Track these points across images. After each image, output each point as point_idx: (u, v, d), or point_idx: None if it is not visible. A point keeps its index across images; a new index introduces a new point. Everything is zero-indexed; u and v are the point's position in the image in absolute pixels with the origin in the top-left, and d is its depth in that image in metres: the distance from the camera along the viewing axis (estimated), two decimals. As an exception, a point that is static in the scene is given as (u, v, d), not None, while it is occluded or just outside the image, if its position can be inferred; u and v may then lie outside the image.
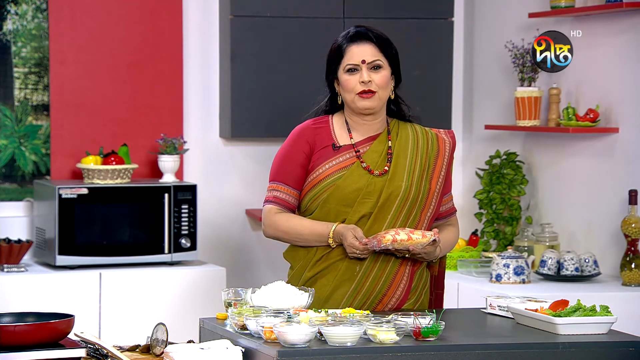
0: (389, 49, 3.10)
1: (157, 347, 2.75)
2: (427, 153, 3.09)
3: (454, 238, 3.17)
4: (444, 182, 3.11)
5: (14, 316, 2.70)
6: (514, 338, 2.74)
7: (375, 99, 3.05)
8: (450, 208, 3.18)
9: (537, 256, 4.60)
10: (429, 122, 3.23)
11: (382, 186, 3.01)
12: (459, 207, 5.36)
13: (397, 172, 3.04)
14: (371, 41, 3.07)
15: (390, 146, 3.07)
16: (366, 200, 3.00)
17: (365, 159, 3.04)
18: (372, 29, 3.11)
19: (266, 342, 2.56)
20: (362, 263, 3.00)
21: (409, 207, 3.02)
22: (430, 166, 3.08)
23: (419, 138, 3.11)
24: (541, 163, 4.87)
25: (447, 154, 3.12)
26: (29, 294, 4.47)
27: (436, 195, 3.08)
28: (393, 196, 3.01)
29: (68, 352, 2.56)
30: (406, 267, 3.05)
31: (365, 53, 3.05)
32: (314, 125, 3.12)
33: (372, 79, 3.05)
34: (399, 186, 3.01)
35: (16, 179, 4.91)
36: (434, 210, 3.08)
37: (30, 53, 4.90)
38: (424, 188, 3.05)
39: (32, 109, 4.92)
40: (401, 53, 5.67)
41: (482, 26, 5.21)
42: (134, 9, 4.95)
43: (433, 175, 3.08)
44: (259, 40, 4.96)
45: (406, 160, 3.06)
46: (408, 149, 3.08)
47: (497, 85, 5.09)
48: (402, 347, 2.55)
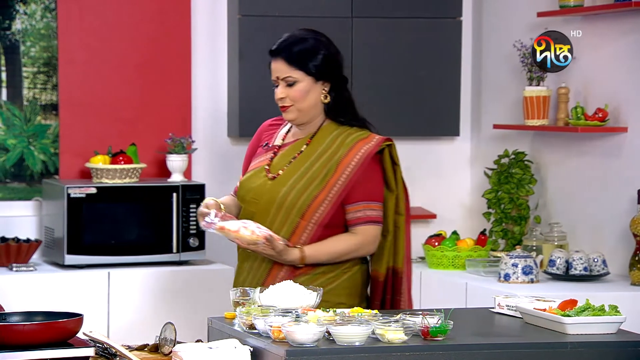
0: (305, 61, 3.12)
1: (166, 347, 2.75)
2: (330, 160, 3.12)
3: (345, 247, 3.11)
4: (352, 191, 3.09)
5: (23, 315, 2.70)
6: (522, 338, 2.74)
7: (292, 111, 3.15)
8: (358, 218, 3.12)
9: (545, 256, 4.59)
10: (437, 122, 3.23)
11: (266, 190, 3.13)
12: (467, 207, 5.37)
13: (284, 178, 3.13)
14: (282, 57, 3.13)
15: (302, 151, 3.15)
16: (253, 201, 3.15)
17: (274, 161, 3.18)
18: (290, 42, 3.14)
19: (274, 342, 2.56)
20: (249, 260, 3.16)
21: (285, 213, 3.09)
22: (328, 174, 3.10)
23: (333, 144, 3.14)
24: (550, 162, 4.86)
25: (357, 162, 3.10)
26: (37, 293, 4.47)
27: (327, 204, 3.08)
28: (271, 200, 3.12)
29: (77, 351, 2.57)
30: (280, 271, 3.10)
31: (278, 70, 3.15)
32: (272, 122, 3.30)
33: (287, 94, 3.14)
34: (278, 191, 3.11)
35: (25, 178, 4.92)
36: (322, 217, 3.08)
37: (39, 52, 4.91)
38: (309, 195, 3.08)
39: (40, 108, 4.93)
40: (409, 52, 5.65)
41: (491, 26, 5.21)
42: (143, 8, 4.95)
43: (328, 184, 3.09)
44: (267, 39, 4.93)
45: (302, 166, 3.13)
46: (313, 155, 3.14)
47: (505, 84, 5.08)
48: (410, 346, 2.54)
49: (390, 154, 3.17)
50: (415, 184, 5.32)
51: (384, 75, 5.08)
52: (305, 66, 3.12)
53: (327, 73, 3.14)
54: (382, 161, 3.16)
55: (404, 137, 5.26)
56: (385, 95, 5.10)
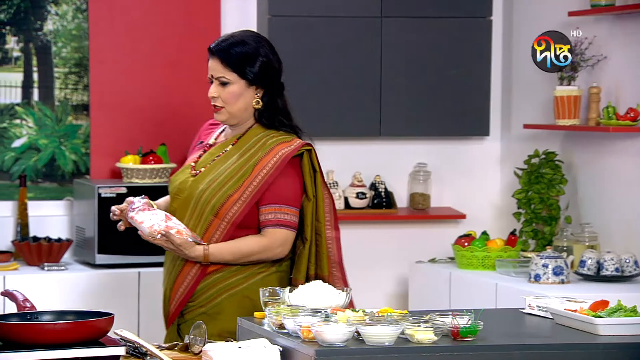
0: (242, 65, 3.11)
1: (196, 346, 2.76)
2: (248, 161, 3.12)
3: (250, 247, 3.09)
4: (266, 193, 3.08)
5: (54, 314, 2.72)
6: (553, 338, 2.72)
7: (223, 113, 3.16)
8: (269, 220, 3.09)
9: (576, 256, 4.56)
10: (467, 122, 3.21)
11: (187, 186, 3.16)
12: (497, 207, 5.34)
13: (204, 175, 3.15)
14: (219, 57, 3.13)
15: (227, 150, 3.17)
16: (176, 197, 3.18)
17: (201, 159, 3.21)
18: (229, 43, 3.13)
19: (304, 341, 2.56)
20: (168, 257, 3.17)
21: (200, 210, 3.11)
22: (245, 174, 3.10)
23: (255, 146, 3.14)
24: (580, 162, 4.83)
25: (274, 164, 3.08)
26: (69, 292, 4.50)
27: (241, 204, 3.08)
28: (190, 197, 3.14)
29: (108, 350, 2.58)
30: (192, 268, 3.10)
31: (214, 68, 3.16)
32: (212, 122, 3.31)
33: (220, 94, 3.15)
34: (196, 188, 3.13)
35: (56, 178, 4.96)
36: (235, 216, 3.08)
37: (71, 53, 4.94)
38: (223, 194, 3.08)
39: (72, 108, 4.96)
40: (439, 52, 5.62)
41: (521, 25, 5.18)
42: (173, 9, 4.97)
43: (243, 184, 3.09)
44: (296, 39, 4.96)
45: (222, 165, 3.14)
46: (235, 155, 3.14)
47: (535, 84, 5.05)
48: (440, 347, 2.54)
49: (310, 159, 3.13)
50: (444, 184, 5.31)
51: (413, 75, 5.06)
52: (240, 70, 3.11)
53: (262, 80, 3.13)
54: (302, 166, 3.13)
55: (434, 137, 5.25)
56: (416, 95, 5.08)
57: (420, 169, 5.23)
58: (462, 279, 4.64)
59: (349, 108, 5.05)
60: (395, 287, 5.24)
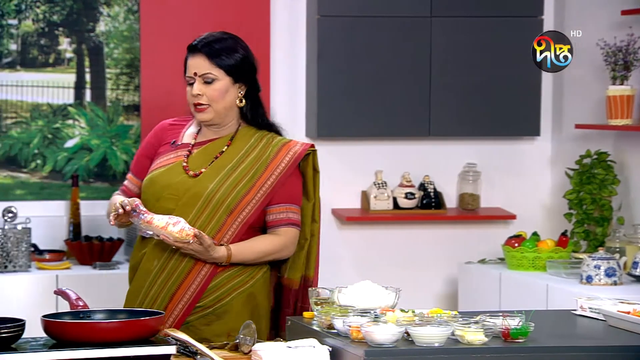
0: (226, 60, 3.09)
1: (245, 345, 2.77)
2: (257, 161, 3.09)
3: (270, 246, 3.08)
4: (277, 193, 3.07)
5: (106, 313, 2.75)
6: (606, 340, 2.69)
7: (209, 112, 3.12)
8: (281, 219, 3.09)
9: (629, 257, 4.51)
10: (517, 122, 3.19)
11: (189, 186, 3.07)
12: (548, 207, 5.30)
13: (209, 175, 3.08)
14: (204, 53, 3.09)
15: (223, 151, 3.11)
16: (171, 197, 3.08)
17: (191, 159, 3.12)
18: (210, 40, 3.11)
19: (353, 342, 2.56)
20: (160, 258, 3.06)
21: (212, 210, 3.04)
22: (256, 174, 3.07)
23: (257, 145, 3.11)
24: (633, 163, 4.77)
25: (286, 164, 3.08)
26: (120, 291, 4.53)
27: (255, 203, 3.05)
28: (196, 196, 3.05)
29: (159, 349, 2.59)
30: (203, 267, 3.04)
31: (197, 66, 3.10)
32: (173, 122, 3.26)
33: (204, 92, 3.10)
34: (205, 187, 3.05)
35: (107, 178, 5.01)
36: (248, 216, 3.05)
37: (122, 54, 4.98)
38: (237, 194, 3.05)
39: (123, 109, 5.01)
40: (489, 52, 5.59)
41: (572, 24, 5.13)
42: (223, 10, 4.99)
43: (256, 184, 3.06)
44: (345, 39, 4.96)
45: (228, 165, 3.09)
46: (238, 155, 3.10)
47: (587, 83, 5.00)
48: (490, 348, 2.52)
49: (312, 160, 3.14)
50: (494, 184, 5.28)
51: (463, 75, 5.04)
52: (226, 64, 3.08)
53: (244, 75, 3.12)
54: (303, 167, 3.14)
55: (484, 137, 5.21)
56: (465, 95, 5.06)
57: (469, 169, 5.21)
58: (512, 280, 4.61)
59: (398, 108, 5.04)
60: (444, 287, 5.22)
